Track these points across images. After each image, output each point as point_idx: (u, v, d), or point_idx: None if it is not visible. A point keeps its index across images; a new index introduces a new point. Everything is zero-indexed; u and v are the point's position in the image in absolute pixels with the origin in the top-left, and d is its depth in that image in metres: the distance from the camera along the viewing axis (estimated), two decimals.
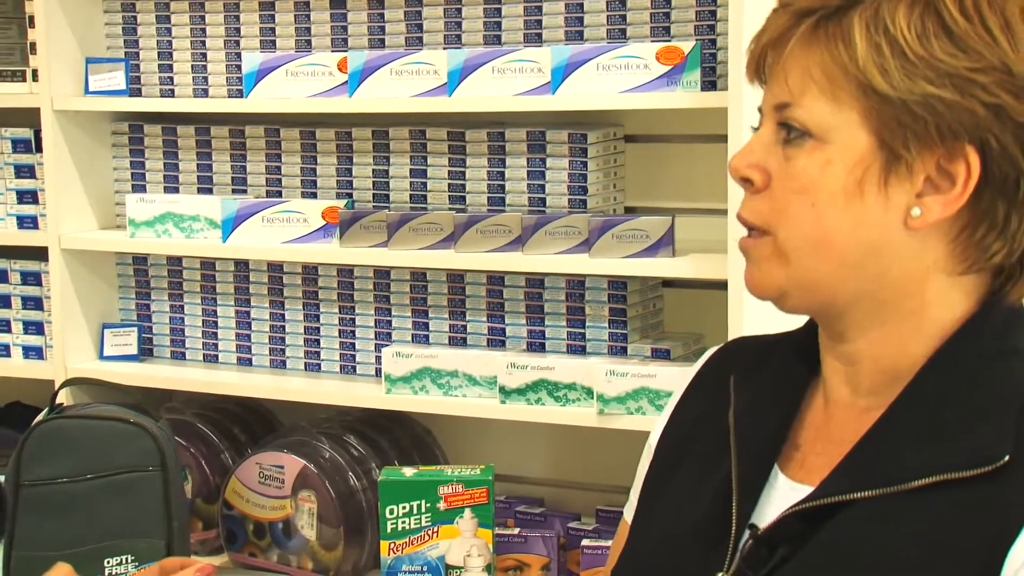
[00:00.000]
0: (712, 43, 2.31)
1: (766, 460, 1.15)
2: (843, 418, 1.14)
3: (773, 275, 1.11)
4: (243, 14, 2.68)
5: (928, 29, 1.04)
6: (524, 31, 2.45)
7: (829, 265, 1.08)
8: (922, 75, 1.04)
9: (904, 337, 1.10)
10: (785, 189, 1.09)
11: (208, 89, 2.71)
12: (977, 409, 1.06)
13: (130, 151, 2.81)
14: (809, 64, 1.07)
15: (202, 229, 2.65)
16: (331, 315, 2.64)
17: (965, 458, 1.04)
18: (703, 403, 1.25)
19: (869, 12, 1.06)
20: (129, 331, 2.79)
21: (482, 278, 2.51)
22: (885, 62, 1.04)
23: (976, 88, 1.04)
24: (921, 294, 1.09)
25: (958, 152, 1.05)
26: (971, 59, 1.04)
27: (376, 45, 2.57)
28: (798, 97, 1.08)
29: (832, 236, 1.07)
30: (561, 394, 2.36)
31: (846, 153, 1.06)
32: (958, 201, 1.06)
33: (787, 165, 1.09)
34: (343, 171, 2.62)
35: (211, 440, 2.69)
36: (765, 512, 1.13)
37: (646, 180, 2.53)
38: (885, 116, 1.05)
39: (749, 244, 1.12)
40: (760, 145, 1.11)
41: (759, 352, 1.24)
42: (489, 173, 2.49)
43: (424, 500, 2.25)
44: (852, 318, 1.11)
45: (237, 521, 2.59)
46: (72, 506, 2.27)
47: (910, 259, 1.08)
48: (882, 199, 1.06)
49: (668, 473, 1.24)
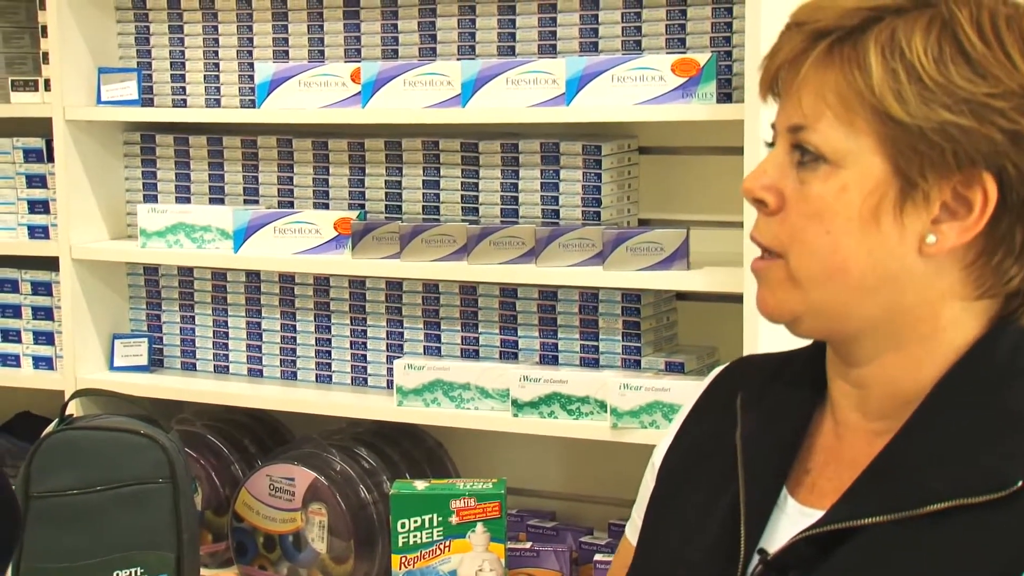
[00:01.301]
0: (728, 55, 2.29)
1: (774, 484, 1.13)
2: (853, 441, 1.12)
3: (786, 300, 1.09)
4: (256, 24, 2.67)
5: (945, 54, 1.02)
6: (538, 42, 2.44)
7: (843, 292, 1.07)
8: (939, 101, 1.02)
9: (916, 361, 1.09)
10: (800, 213, 1.07)
11: (220, 99, 2.71)
12: (988, 432, 1.05)
13: (142, 161, 2.80)
14: (824, 88, 1.05)
15: (213, 240, 2.64)
16: (343, 326, 2.63)
17: (978, 483, 1.02)
18: (710, 423, 1.24)
19: (885, 35, 1.04)
20: (139, 342, 2.78)
21: (495, 290, 2.49)
22: (902, 88, 1.03)
23: (994, 114, 1.02)
24: (935, 319, 1.08)
25: (975, 179, 1.03)
26: (989, 84, 1.02)
27: (389, 55, 2.56)
28: (812, 121, 1.06)
29: (847, 264, 1.06)
30: (574, 407, 2.35)
31: (861, 179, 1.05)
32: (975, 228, 1.05)
33: (801, 189, 1.07)
34: (355, 182, 2.61)
35: (221, 452, 2.68)
36: (774, 536, 1.11)
37: (660, 192, 2.52)
38: (901, 143, 1.03)
39: (762, 266, 1.11)
40: (773, 166, 1.09)
41: (766, 372, 1.22)
42: (502, 184, 2.47)
43: (436, 514, 2.23)
44: (865, 343, 1.10)
45: (247, 533, 2.58)
46: (82, 518, 2.25)
47: (925, 285, 1.07)
48: (898, 226, 1.05)
49: (674, 495, 1.22)
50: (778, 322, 1.12)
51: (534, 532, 2.54)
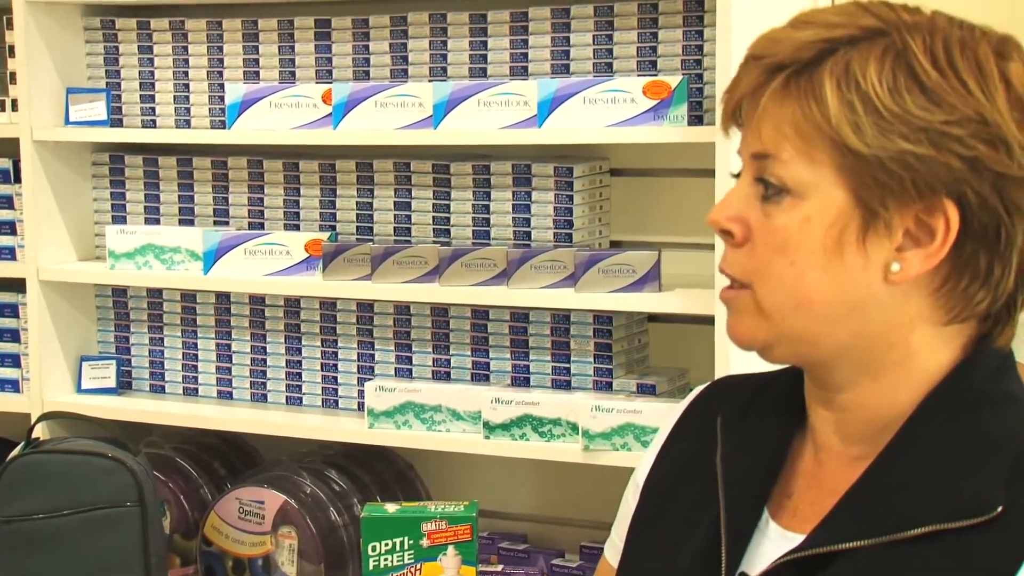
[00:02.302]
0: (699, 77, 2.30)
1: (755, 507, 1.13)
2: (834, 466, 1.12)
3: (755, 329, 1.09)
4: (226, 44, 2.66)
5: (900, 83, 1.03)
6: (510, 64, 2.44)
7: (811, 321, 1.07)
8: (896, 131, 1.02)
9: (892, 386, 1.09)
10: (765, 245, 1.07)
11: (191, 120, 2.70)
12: (968, 457, 1.05)
13: (111, 182, 2.79)
14: (782, 122, 1.06)
15: (183, 261, 2.63)
16: (313, 348, 2.62)
17: (958, 508, 1.02)
18: (690, 445, 1.23)
19: (840, 67, 1.04)
20: (108, 364, 2.76)
21: (466, 312, 2.49)
22: (858, 119, 1.03)
23: (951, 141, 1.02)
24: (906, 345, 1.08)
25: (936, 206, 1.04)
26: (945, 112, 1.02)
27: (361, 77, 2.56)
28: (774, 153, 1.06)
29: (812, 294, 1.06)
30: (546, 429, 2.34)
31: (823, 210, 1.05)
32: (938, 255, 1.05)
33: (766, 221, 1.07)
34: (327, 203, 2.61)
35: (190, 475, 2.66)
36: (755, 560, 1.11)
37: (632, 214, 2.52)
38: (860, 173, 1.03)
39: (730, 296, 1.11)
40: (739, 197, 1.09)
41: (746, 393, 1.22)
42: (474, 206, 2.47)
43: (407, 537, 2.22)
44: (838, 369, 1.10)
45: (216, 557, 2.55)
46: (49, 542, 2.23)
47: (893, 312, 1.07)
48: (861, 256, 1.05)
49: (655, 516, 1.22)
50: (749, 350, 1.12)
51: (506, 555, 2.53)
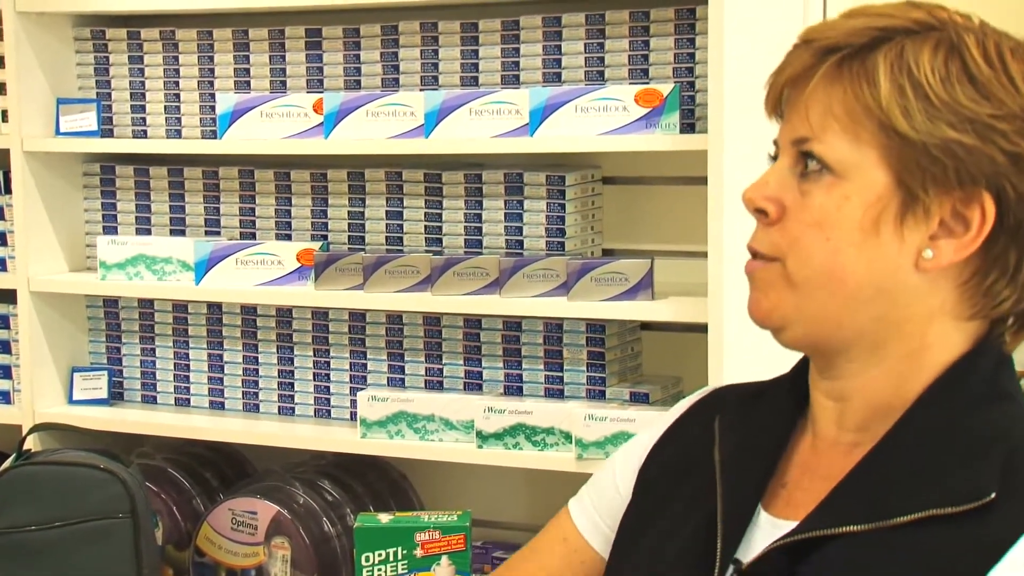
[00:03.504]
0: (691, 85, 2.30)
1: (752, 498, 1.14)
2: (830, 454, 1.14)
3: (780, 303, 1.10)
4: (217, 54, 2.66)
5: (952, 74, 1.05)
6: (502, 72, 2.44)
7: (837, 300, 1.08)
8: (944, 119, 1.05)
9: (900, 377, 1.10)
10: (800, 222, 1.09)
11: (181, 130, 2.69)
12: (965, 449, 1.06)
13: (101, 192, 2.78)
14: (831, 101, 1.08)
15: (174, 271, 2.62)
16: (305, 358, 2.61)
17: (950, 495, 1.04)
18: (688, 445, 1.24)
19: (894, 53, 1.06)
20: (99, 375, 2.75)
21: (459, 321, 2.48)
22: (908, 104, 1.05)
23: (997, 135, 1.05)
24: (923, 336, 1.09)
25: (974, 197, 1.06)
26: (993, 106, 1.05)
27: (352, 86, 2.55)
28: (819, 133, 1.08)
29: (844, 271, 1.07)
30: (539, 438, 2.34)
31: (864, 191, 1.07)
32: (971, 246, 1.07)
33: (803, 199, 1.09)
34: (318, 213, 2.60)
35: (183, 485, 2.65)
36: (749, 548, 1.12)
37: (624, 222, 2.52)
38: (905, 157, 1.06)
39: (756, 267, 1.12)
40: (775, 178, 1.11)
41: (746, 397, 1.23)
42: (466, 215, 2.47)
43: (400, 547, 2.21)
44: (850, 355, 1.11)
45: (209, 568, 2.55)
46: (40, 555, 2.23)
47: (917, 301, 1.08)
48: (897, 239, 1.07)
49: (651, 512, 1.23)
50: (767, 326, 1.12)
51: (500, 564, 2.52)
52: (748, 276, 1.13)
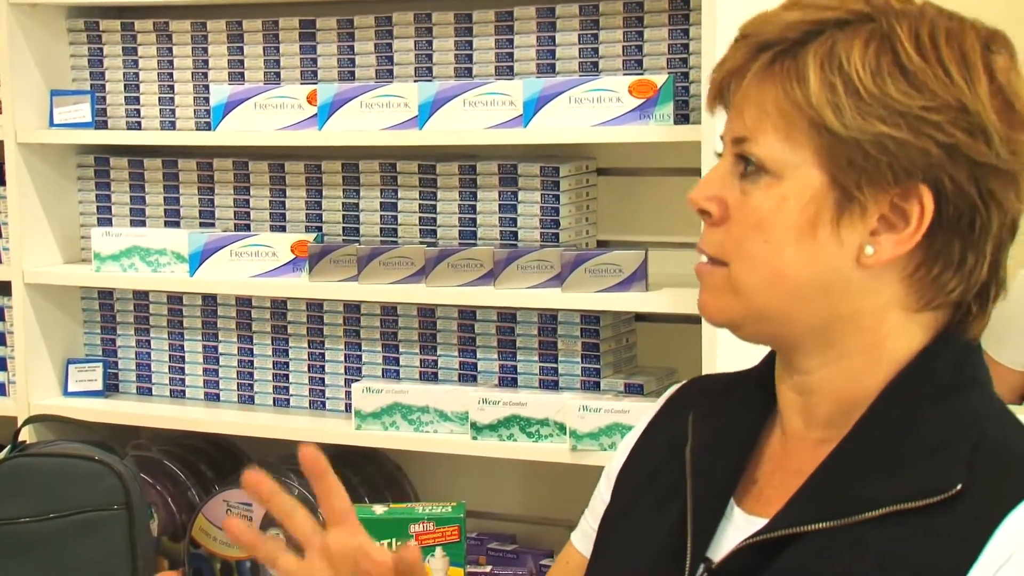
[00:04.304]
0: (685, 76, 2.30)
1: (722, 494, 1.14)
2: (799, 450, 1.13)
3: (727, 307, 1.10)
4: (211, 46, 2.65)
5: (883, 67, 1.03)
6: (496, 64, 2.44)
7: (782, 299, 1.08)
8: (875, 114, 1.03)
9: (860, 370, 1.10)
10: (741, 223, 1.08)
11: (175, 121, 2.69)
12: (930, 441, 1.06)
13: (96, 184, 2.77)
14: (764, 100, 1.07)
15: (169, 263, 2.62)
16: (300, 350, 2.61)
17: (917, 488, 1.03)
18: (663, 440, 1.24)
19: (824, 49, 1.05)
20: (94, 366, 2.75)
21: (453, 312, 2.48)
22: (839, 100, 1.03)
23: (930, 127, 1.03)
24: (878, 329, 1.09)
25: (912, 191, 1.04)
26: (926, 98, 1.03)
27: (346, 77, 2.55)
28: (754, 133, 1.07)
29: (785, 272, 1.07)
30: (533, 430, 2.34)
31: (800, 190, 1.06)
32: (911, 240, 1.05)
33: (743, 199, 1.08)
34: (312, 204, 2.60)
35: (178, 477, 2.65)
36: (720, 546, 1.12)
37: (619, 213, 2.51)
38: (838, 155, 1.04)
39: (704, 270, 1.12)
40: (719, 177, 1.10)
41: (719, 390, 1.23)
42: (460, 207, 2.47)
43: (395, 538, 2.21)
44: (807, 350, 1.11)
45: (204, 560, 2.55)
46: (35, 547, 2.23)
47: (865, 295, 1.08)
48: (835, 237, 1.06)
49: (626, 511, 1.23)
50: (719, 326, 1.13)
51: (494, 555, 2.52)
52: (697, 276, 1.13)
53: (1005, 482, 1.03)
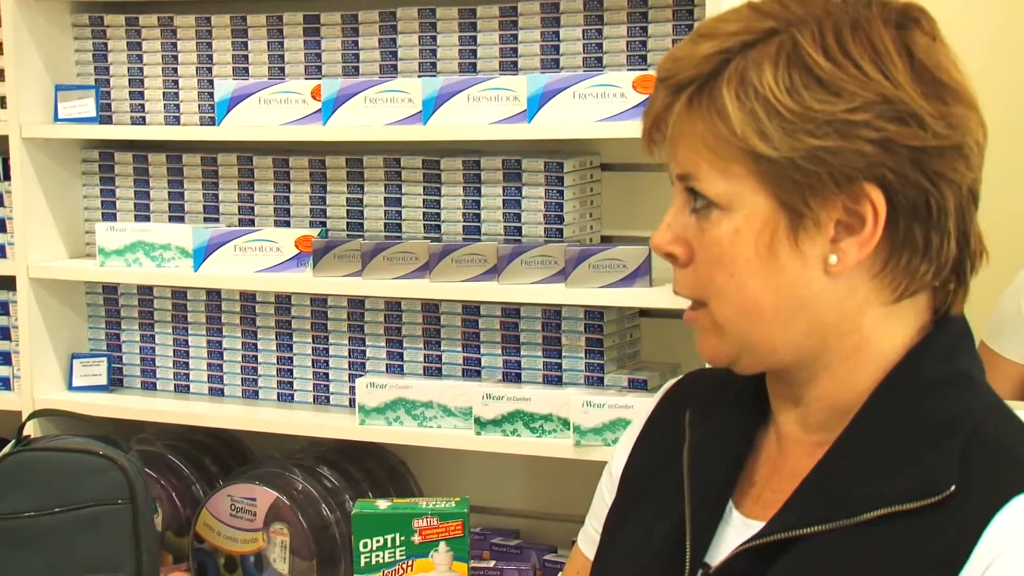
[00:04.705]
0: None
1: (720, 498, 1.14)
2: (795, 454, 1.13)
3: (718, 347, 1.11)
4: (215, 40, 2.65)
5: (796, 81, 1.03)
6: (500, 59, 2.43)
7: (763, 328, 1.08)
8: (801, 129, 1.02)
9: (850, 374, 1.10)
10: (705, 260, 1.08)
11: (180, 116, 2.69)
12: (922, 439, 1.06)
13: (100, 179, 2.78)
14: (693, 139, 1.06)
15: (173, 258, 2.62)
16: (304, 345, 2.61)
17: (911, 490, 1.03)
18: (661, 439, 1.25)
19: (736, 77, 1.04)
20: (99, 361, 2.75)
21: (457, 308, 2.48)
22: (762, 126, 1.03)
23: (858, 128, 1.02)
24: (859, 331, 1.09)
25: (859, 193, 1.04)
26: (846, 101, 1.02)
27: (350, 72, 2.55)
28: (693, 171, 1.07)
29: (758, 302, 1.07)
30: (537, 425, 2.34)
31: (750, 219, 1.05)
32: (872, 239, 1.05)
33: (702, 236, 1.08)
34: (317, 199, 2.60)
35: (182, 472, 2.66)
36: (719, 550, 1.12)
37: (623, 209, 2.51)
38: (777, 177, 1.04)
39: (693, 317, 1.12)
40: (676, 219, 1.10)
41: (714, 387, 1.23)
42: (464, 202, 2.47)
43: (398, 533, 2.22)
44: (800, 369, 1.11)
45: (208, 555, 2.55)
46: (39, 540, 2.23)
47: (840, 303, 1.07)
48: (797, 256, 1.06)
49: (627, 512, 1.23)
50: (719, 366, 1.14)
51: (498, 551, 2.53)
52: (689, 325, 1.13)
53: (996, 478, 1.03)
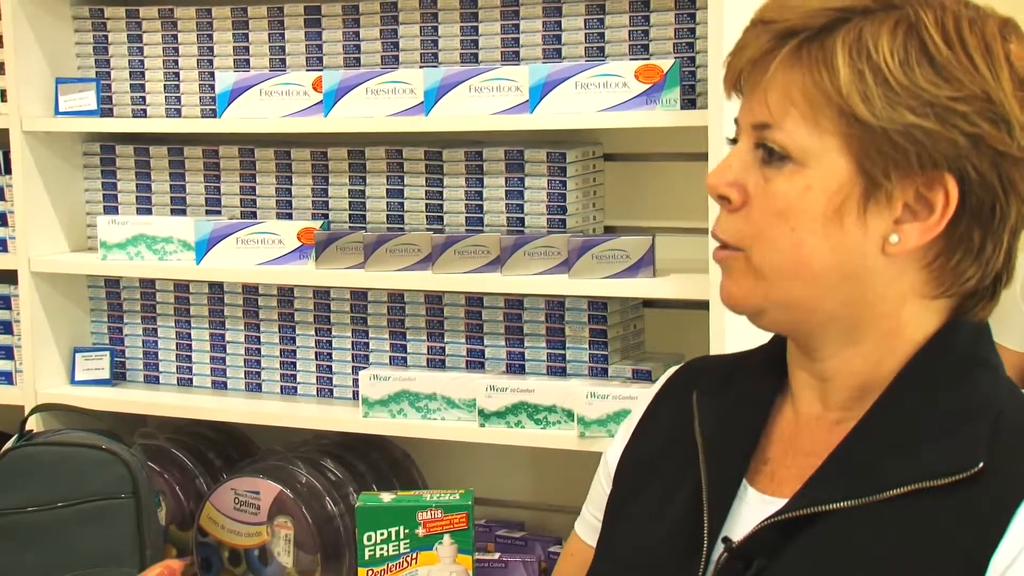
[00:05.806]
0: (691, 61, 2.29)
1: (735, 474, 1.14)
2: (813, 431, 1.14)
3: (751, 293, 1.10)
4: (216, 32, 2.64)
5: (911, 56, 1.03)
6: (501, 49, 2.42)
7: (806, 287, 1.08)
8: (904, 104, 1.03)
9: (878, 356, 1.10)
10: (764, 210, 1.08)
11: (181, 109, 2.68)
12: (950, 419, 1.07)
13: (102, 172, 2.77)
14: (790, 87, 1.06)
15: (175, 251, 2.61)
16: (307, 337, 2.61)
17: (939, 467, 1.04)
18: (666, 422, 1.24)
19: (852, 36, 1.04)
20: (101, 355, 2.75)
21: (460, 299, 2.48)
22: (868, 90, 1.03)
23: (957, 118, 1.03)
24: (897, 317, 1.09)
25: (937, 180, 1.05)
26: (953, 88, 1.03)
27: (351, 63, 2.54)
28: (779, 120, 1.06)
29: (810, 260, 1.07)
30: (541, 417, 2.33)
31: (826, 179, 1.06)
32: (936, 228, 1.06)
33: (766, 186, 1.08)
34: (319, 191, 2.59)
35: (185, 465, 2.65)
36: (736, 526, 1.12)
37: (626, 199, 2.51)
38: (866, 144, 1.04)
39: (726, 256, 1.11)
40: (738, 162, 1.10)
41: (723, 369, 1.23)
42: (467, 193, 2.46)
43: (402, 526, 2.20)
44: (826, 337, 1.11)
45: (212, 548, 2.55)
46: (42, 535, 2.22)
47: (886, 284, 1.08)
48: (861, 226, 1.06)
49: (634, 494, 1.23)
50: (741, 313, 1.12)
51: (503, 543, 2.52)
52: (719, 263, 1.12)
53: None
